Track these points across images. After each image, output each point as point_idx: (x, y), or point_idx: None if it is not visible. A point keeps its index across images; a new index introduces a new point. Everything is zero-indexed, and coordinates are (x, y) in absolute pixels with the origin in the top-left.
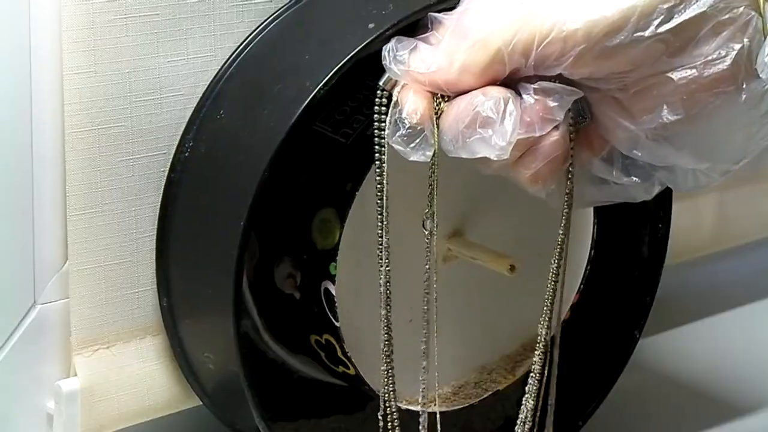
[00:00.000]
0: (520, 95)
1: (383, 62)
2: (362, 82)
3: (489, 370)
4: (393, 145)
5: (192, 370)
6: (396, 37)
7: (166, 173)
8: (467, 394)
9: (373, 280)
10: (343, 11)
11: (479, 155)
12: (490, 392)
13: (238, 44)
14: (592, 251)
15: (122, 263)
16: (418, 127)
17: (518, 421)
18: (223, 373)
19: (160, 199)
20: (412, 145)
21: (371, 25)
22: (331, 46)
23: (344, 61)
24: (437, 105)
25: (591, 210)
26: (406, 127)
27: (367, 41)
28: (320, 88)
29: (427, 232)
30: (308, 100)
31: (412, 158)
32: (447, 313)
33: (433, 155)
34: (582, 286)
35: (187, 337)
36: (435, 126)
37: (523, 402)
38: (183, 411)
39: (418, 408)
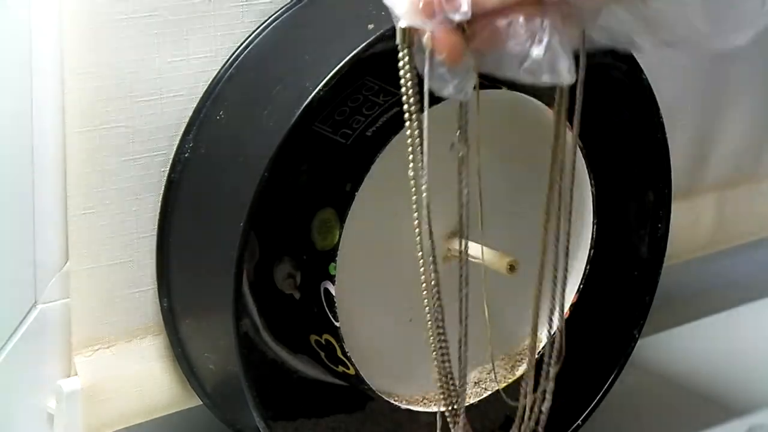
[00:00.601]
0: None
1: (395, 20)
2: (362, 83)
3: (489, 370)
4: (438, 93)
5: (192, 370)
6: None
7: (166, 174)
8: (467, 393)
9: (372, 280)
10: (342, 12)
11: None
12: (490, 392)
13: (238, 45)
14: (592, 251)
15: (123, 263)
16: (459, 65)
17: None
18: (223, 373)
19: (160, 200)
20: (455, 82)
21: (371, 26)
22: (330, 47)
23: (344, 61)
24: (464, 33)
25: (591, 210)
26: (447, 69)
27: (367, 41)
28: (320, 88)
29: (460, 155)
30: (308, 100)
31: (460, 98)
32: (447, 313)
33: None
34: (581, 285)
35: (188, 337)
36: (472, 58)
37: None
38: (183, 411)
39: (418, 408)
